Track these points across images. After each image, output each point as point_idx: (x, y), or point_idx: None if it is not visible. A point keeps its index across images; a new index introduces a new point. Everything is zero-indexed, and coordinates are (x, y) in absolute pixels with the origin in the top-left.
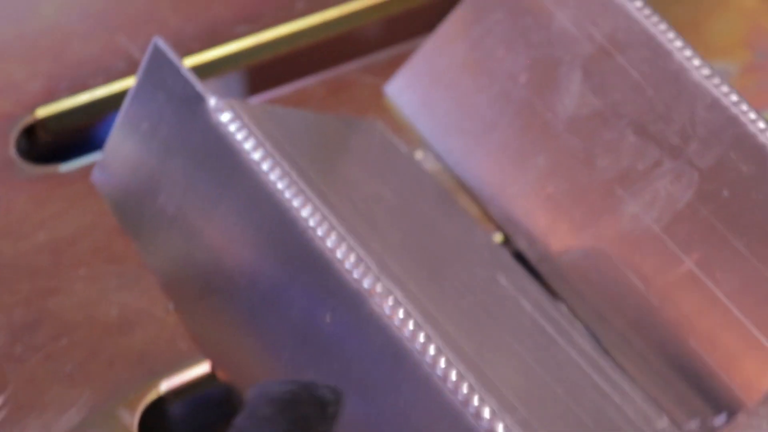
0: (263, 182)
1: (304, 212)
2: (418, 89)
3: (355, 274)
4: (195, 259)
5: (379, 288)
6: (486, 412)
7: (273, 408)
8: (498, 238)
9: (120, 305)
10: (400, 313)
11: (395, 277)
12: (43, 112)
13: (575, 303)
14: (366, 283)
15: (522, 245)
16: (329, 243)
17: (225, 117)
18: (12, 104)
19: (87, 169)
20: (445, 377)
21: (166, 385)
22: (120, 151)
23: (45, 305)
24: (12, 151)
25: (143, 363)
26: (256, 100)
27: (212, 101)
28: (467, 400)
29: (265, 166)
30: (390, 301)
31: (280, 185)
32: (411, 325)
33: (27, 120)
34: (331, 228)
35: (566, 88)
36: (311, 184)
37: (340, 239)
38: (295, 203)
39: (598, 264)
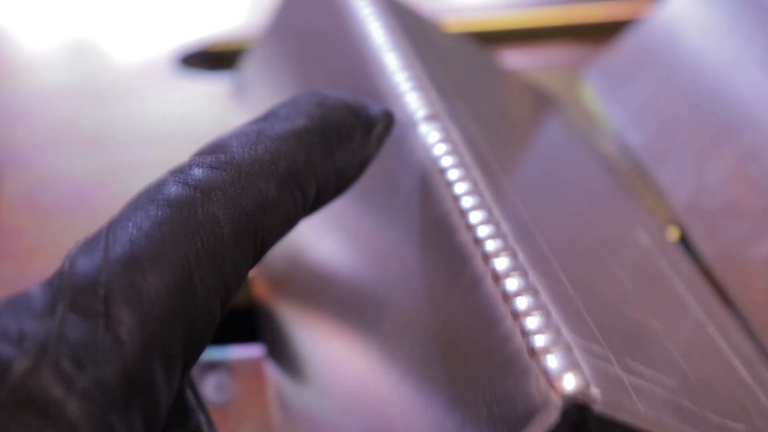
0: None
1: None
2: (621, 73)
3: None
4: None
5: (449, 162)
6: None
7: (318, 107)
8: (672, 233)
9: None
10: (464, 185)
11: (481, 157)
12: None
13: (754, 316)
14: (433, 139)
15: (697, 235)
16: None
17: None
18: None
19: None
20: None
21: None
22: (260, 59)
23: None
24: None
25: None
26: None
27: None
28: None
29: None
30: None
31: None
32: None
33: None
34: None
35: None
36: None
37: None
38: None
39: None
